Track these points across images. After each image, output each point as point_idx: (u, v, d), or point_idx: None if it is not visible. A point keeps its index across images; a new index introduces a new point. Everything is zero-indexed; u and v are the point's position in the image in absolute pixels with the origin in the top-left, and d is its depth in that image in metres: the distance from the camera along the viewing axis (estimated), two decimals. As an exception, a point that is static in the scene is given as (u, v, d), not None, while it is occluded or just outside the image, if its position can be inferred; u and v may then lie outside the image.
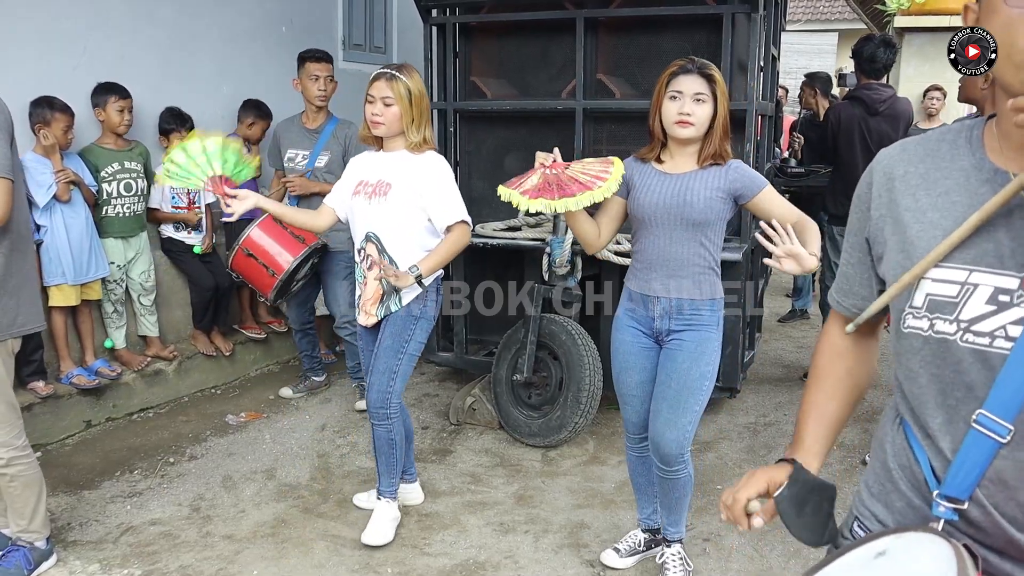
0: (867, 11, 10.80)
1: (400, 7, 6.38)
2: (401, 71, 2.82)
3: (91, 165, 4.00)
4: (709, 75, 2.43)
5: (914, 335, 1.10)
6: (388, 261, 2.82)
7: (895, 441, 1.18)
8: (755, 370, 4.92)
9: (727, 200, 2.49)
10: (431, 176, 2.83)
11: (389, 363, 2.91)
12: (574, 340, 3.73)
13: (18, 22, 3.76)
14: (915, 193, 1.12)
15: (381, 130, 2.84)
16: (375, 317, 2.92)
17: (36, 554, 2.74)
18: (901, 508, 1.15)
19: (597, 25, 4.08)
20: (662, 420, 2.57)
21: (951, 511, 1.05)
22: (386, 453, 3.00)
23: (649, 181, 2.53)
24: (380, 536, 2.98)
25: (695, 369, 2.53)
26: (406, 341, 2.91)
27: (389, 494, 3.05)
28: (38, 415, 3.75)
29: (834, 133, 4.49)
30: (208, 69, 4.80)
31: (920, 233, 1.10)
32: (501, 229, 4.14)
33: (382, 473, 3.04)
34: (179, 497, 3.37)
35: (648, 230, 2.54)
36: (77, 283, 3.86)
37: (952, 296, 1.05)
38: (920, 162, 1.14)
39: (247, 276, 3.97)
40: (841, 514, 1.26)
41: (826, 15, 17.32)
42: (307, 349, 4.53)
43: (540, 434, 3.81)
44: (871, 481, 1.23)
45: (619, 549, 2.90)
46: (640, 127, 3.89)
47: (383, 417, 2.94)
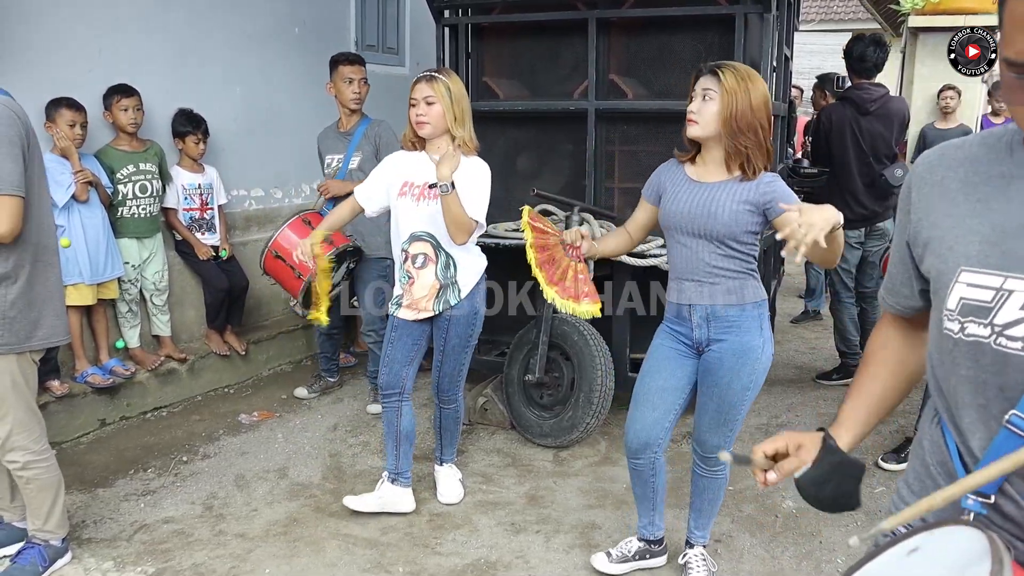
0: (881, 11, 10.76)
1: (413, 8, 6.40)
2: (440, 72, 2.93)
3: (106, 167, 4.03)
4: (717, 71, 2.36)
5: (948, 336, 1.12)
6: (446, 258, 2.97)
7: (932, 438, 1.21)
8: (768, 372, 4.89)
9: (756, 213, 2.39)
10: (474, 178, 2.92)
11: (459, 359, 3.15)
12: (586, 340, 3.73)
13: (33, 25, 3.80)
14: (954, 198, 1.13)
15: (427, 130, 2.90)
16: (430, 312, 3.02)
17: (51, 552, 2.76)
18: None
19: (609, 26, 4.08)
20: (704, 426, 2.59)
21: (980, 504, 1.08)
22: (452, 429, 3.33)
23: (678, 189, 2.49)
24: (456, 494, 3.31)
25: (736, 382, 2.49)
26: (470, 336, 3.12)
27: (453, 460, 3.41)
28: (53, 413, 3.78)
29: (826, 134, 4.45)
30: (221, 71, 4.82)
31: (958, 238, 1.11)
32: (513, 230, 4.14)
33: (447, 444, 3.36)
34: (192, 496, 3.39)
35: (676, 239, 2.50)
36: (94, 283, 3.89)
37: (987, 301, 1.06)
38: (959, 167, 1.15)
39: (278, 278, 3.99)
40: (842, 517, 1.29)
41: (840, 15, 17.25)
42: (328, 351, 4.54)
43: (552, 434, 3.81)
44: (911, 478, 1.26)
45: (611, 554, 2.86)
46: (652, 128, 3.91)
47: (452, 400, 3.25)
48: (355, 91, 4.12)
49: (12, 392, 2.51)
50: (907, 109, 4.56)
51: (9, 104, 2.39)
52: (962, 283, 1.09)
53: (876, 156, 4.36)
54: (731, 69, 2.37)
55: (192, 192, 4.45)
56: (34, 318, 2.50)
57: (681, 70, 3.97)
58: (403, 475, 3.22)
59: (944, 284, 1.11)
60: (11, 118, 2.36)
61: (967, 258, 1.09)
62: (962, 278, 1.09)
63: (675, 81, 4.01)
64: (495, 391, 4.13)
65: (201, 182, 4.49)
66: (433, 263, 2.99)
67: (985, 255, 1.07)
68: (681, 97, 3.50)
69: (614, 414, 4.12)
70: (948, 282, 1.11)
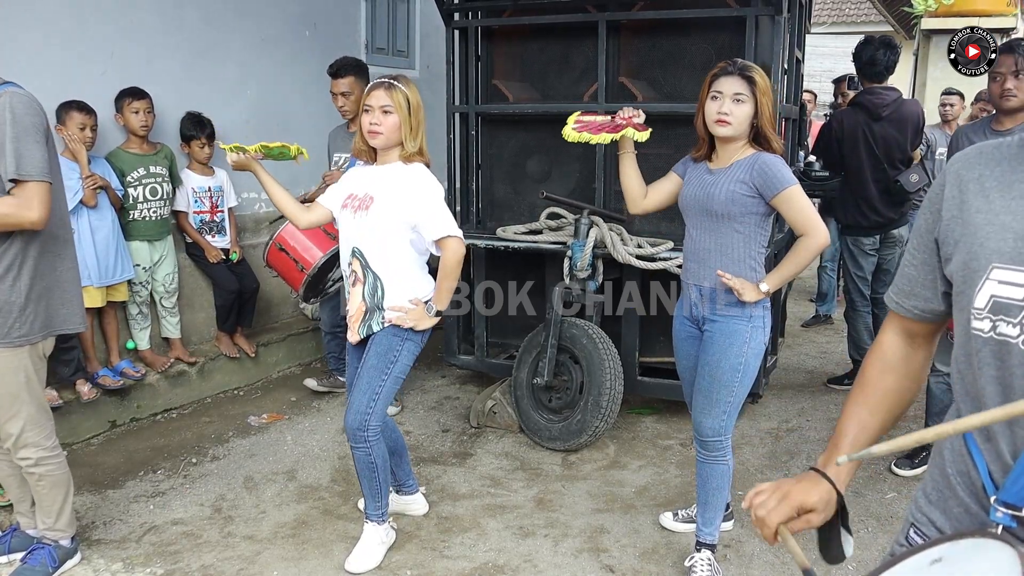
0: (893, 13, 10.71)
1: (423, 11, 6.41)
2: (399, 80, 2.73)
3: (117, 169, 4.04)
4: (750, 76, 2.54)
5: (976, 336, 1.10)
6: (373, 279, 2.73)
7: (954, 447, 1.18)
8: (777, 376, 4.87)
9: (753, 194, 2.56)
10: (416, 188, 2.71)
11: (372, 383, 2.75)
12: (595, 344, 3.72)
13: (47, 28, 3.82)
14: (989, 195, 1.13)
15: (379, 140, 2.71)
16: (357, 336, 2.83)
17: (61, 552, 2.77)
18: (959, 514, 1.15)
19: (619, 28, 4.07)
20: (698, 408, 2.73)
21: (1009, 517, 1.04)
22: (367, 476, 2.83)
23: (694, 176, 2.72)
24: (365, 562, 2.85)
25: (724, 362, 2.64)
26: (391, 362, 2.76)
27: (376, 518, 2.90)
28: (64, 415, 3.80)
29: (838, 141, 4.36)
30: (232, 74, 4.84)
31: (991, 234, 1.10)
32: (522, 232, 4.14)
33: (366, 496, 2.90)
34: (201, 497, 3.39)
35: (688, 221, 2.74)
36: (102, 285, 3.91)
37: (1018, 299, 1.04)
38: (997, 165, 1.14)
39: (280, 271, 4.02)
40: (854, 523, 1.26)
41: (852, 18, 17.16)
42: (335, 351, 4.55)
43: (560, 438, 3.80)
44: (929, 488, 1.23)
45: (677, 514, 3.12)
46: (662, 130, 3.88)
47: (361, 440, 2.77)
48: (339, 105, 4.17)
49: (26, 388, 2.53)
50: (921, 112, 4.45)
51: (30, 94, 2.41)
52: (993, 280, 1.07)
53: (891, 162, 4.26)
54: (758, 73, 2.56)
55: (202, 195, 4.47)
56: (43, 309, 2.51)
57: (691, 73, 3.96)
58: (405, 486, 3.21)
59: (974, 281, 1.09)
60: (36, 106, 2.40)
61: (1000, 255, 1.07)
62: (993, 275, 1.07)
63: (685, 83, 4.00)
64: (504, 394, 4.12)
65: (211, 185, 4.51)
66: (361, 283, 2.76)
67: (1019, 252, 1.06)
68: (691, 100, 3.49)
69: (623, 418, 4.11)
70: (978, 279, 1.08)
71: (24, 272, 2.45)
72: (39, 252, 2.48)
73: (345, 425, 2.80)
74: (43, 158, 2.38)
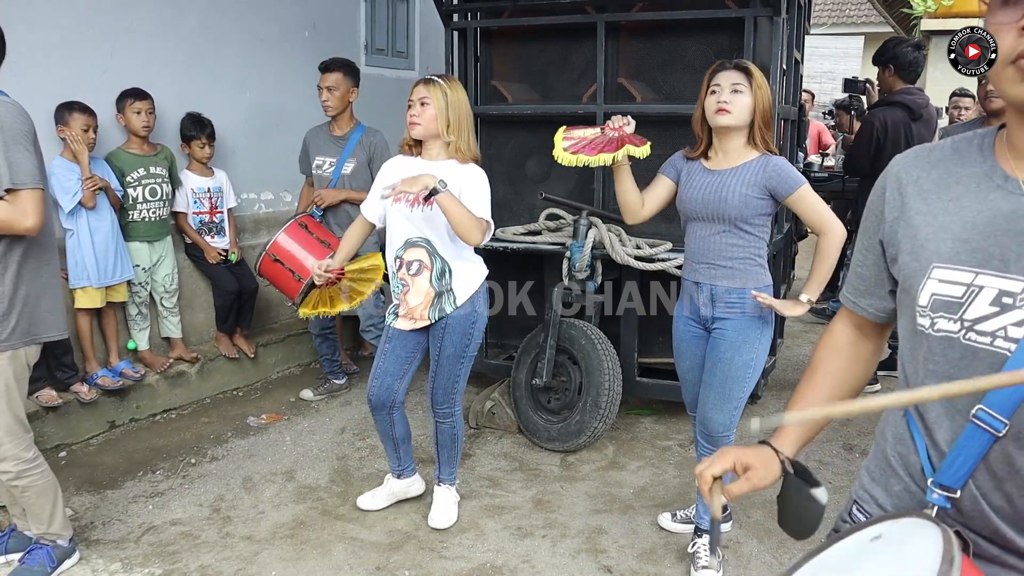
0: (894, 14, 10.71)
1: (422, 12, 6.41)
2: (442, 77, 2.90)
3: (116, 170, 4.05)
4: (746, 68, 2.59)
5: (920, 333, 1.15)
6: (441, 264, 2.90)
7: (897, 431, 1.23)
8: (777, 376, 4.87)
9: (764, 196, 2.59)
10: (473, 184, 2.88)
11: (453, 370, 3.03)
12: (594, 344, 3.72)
13: (46, 27, 3.83)
14: (927, 197, 1.18)
15: (418, 131, 2.88)
16: (427, 320, 2.95)
17: (59, 552, 2.77)
18: (899, 492, 1.21)
19: (618, 29, 4.08)
20: (710, 404, 2.74)
21: (944, 498, 1.11)
22: (448, 447, 3.19)
23: (693, 177, 2.70)
24: (447, 518, 3.16)
25: (738, 358, 2.67)
26: (466, 346, 3.01)
27: (450, 480, 3.25)
28: (63, 415, 3.81)
29: (880, 139, 4.31)
30: (232, 74, 4.85)
31: (930, 236, 1.15)
32: (521, 233, 4.14)
33: (443, 463, 3.22)
34: (200, 498, 3.40)
35: (692, 223, 2.74)
36: (102, 286, 3.91)
37: (957, 296, 1.09)
38: (932, 168, 1.19)
39: (274, 281, 4.01)
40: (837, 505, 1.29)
41: (852, 19, 17.16)
42: (327, 353, 4.55)
43: (559, 439, 3.80)
44: (872, 466, 1.29)
45: (675, 515, 3.14)
46: (661, 131, 3.89)
47: (447, 415, 3.12)
48: (322, 99, 4.19)
49: (4, 397, 2.47)
50: (935, 113, 4.53)
51: (15, 102, 2.41)
52: (934, 279, 1.12)
53: None
54: (754, 67, 2.62)
55: (202, 196, 4.47)
56: (27, 315, 2.48)
57: (690, 74, 3.97)
58: (407, 470, 3.29)
59: (916, 281, 1.14)
60: (23, 114, 2.39)
61: (939, 255, 1.12)
62: (934, 274, 1.12)
63: (684, 84, 4.00)
64: (502, 395, 4.13)
65: (210, 186, 4.51)
66: (428, 270, 2.92)
67: (957, 252, 1.10)
68: (690, 101, 3.50)
69: (622, 419, 4.11)
70: (921, 279, 1.13)
71: (7, 278, 2.42)
72: (22, 258, 2.45)
73: (432, 402, 3.12)
74: (34, 165, 2.37)
